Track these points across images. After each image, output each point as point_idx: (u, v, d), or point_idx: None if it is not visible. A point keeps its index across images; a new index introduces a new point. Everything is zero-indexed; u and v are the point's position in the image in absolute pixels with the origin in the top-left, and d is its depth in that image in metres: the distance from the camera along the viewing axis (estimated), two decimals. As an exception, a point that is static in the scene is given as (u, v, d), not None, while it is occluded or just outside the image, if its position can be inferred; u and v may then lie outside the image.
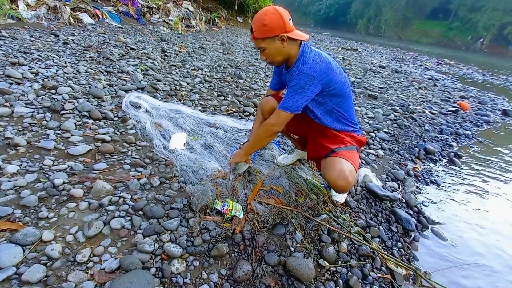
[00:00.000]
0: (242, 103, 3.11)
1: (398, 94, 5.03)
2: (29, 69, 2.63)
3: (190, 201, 1.45)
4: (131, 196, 1.45)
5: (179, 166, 1.76)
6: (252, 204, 1.47)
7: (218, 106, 2.94)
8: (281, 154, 2.03)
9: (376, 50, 15.65)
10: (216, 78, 3.86)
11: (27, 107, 2.07)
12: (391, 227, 1.70)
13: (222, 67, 4.55)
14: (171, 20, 8.11)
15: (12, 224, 1.20)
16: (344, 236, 1.45)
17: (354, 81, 5.38)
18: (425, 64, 11.27)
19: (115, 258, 1.11)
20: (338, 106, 1.44)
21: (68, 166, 1.60)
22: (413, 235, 1.71)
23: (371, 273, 1.34)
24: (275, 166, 1.87)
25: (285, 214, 1.49)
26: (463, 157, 2.99)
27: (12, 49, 3.08)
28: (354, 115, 1.55)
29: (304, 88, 1.28)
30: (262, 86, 3.90)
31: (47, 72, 2.69)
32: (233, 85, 3.73)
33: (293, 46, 1.31)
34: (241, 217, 1.39)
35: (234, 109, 2.90)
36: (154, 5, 8.27)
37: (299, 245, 1.37)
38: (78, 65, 3.07)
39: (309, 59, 1.29)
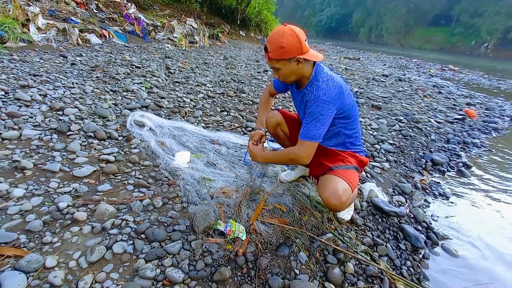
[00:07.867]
0: (245, 118, 3.13)
1: (402, 103, 5.00)
2: (38, 91, 2.71)
3: (192, 222, 1.44)
4: (134, 218, 1.45)
5: (182, 186, 1.76)
6: (255, 224, 1.46)
7: (221, 121, 2.97)
8: (284, 170, 2.02)
9: (379, 59, 15.72)
10: (219, 93, 3.91)
11: (34, 130, 2.12)
12: (399, 244, 1.65)
13: (225, 82, 4.62)
14: (175, 37, 8.33)
15: (17, 250, 1.21)
16: (350, 256, 1.42)
17: (357, 92, 5.38)
18: (429, 71, 11.23)
19: (117, 285, 1.10)
20: (345, 128, 1.45)
21: (73, 188, 1.62)
22: (422, 253, 1.66)
23: (379, 295, 1.29)
24: (278, 183, 1.85)
25: (289, 234, 1.46)
26: (472, 167, 2.92)
27: (22, 72, 3.19)
28: (359, 136, 1.55)
29: (323, 114, 1.28)
30: (265, 100, 3.92)
31: (54, 93, 2.77)
32: (236, 99, 3.77)
33: (307, 67, 1.31)
34: (244, 238, 1.37)
35: (237, 125, 2.91)
36: (159, 23, 8.52)
37: (303, 267, 1.34)
38: (84, 86, 3.16)
39: (322, 84, 1.29)
